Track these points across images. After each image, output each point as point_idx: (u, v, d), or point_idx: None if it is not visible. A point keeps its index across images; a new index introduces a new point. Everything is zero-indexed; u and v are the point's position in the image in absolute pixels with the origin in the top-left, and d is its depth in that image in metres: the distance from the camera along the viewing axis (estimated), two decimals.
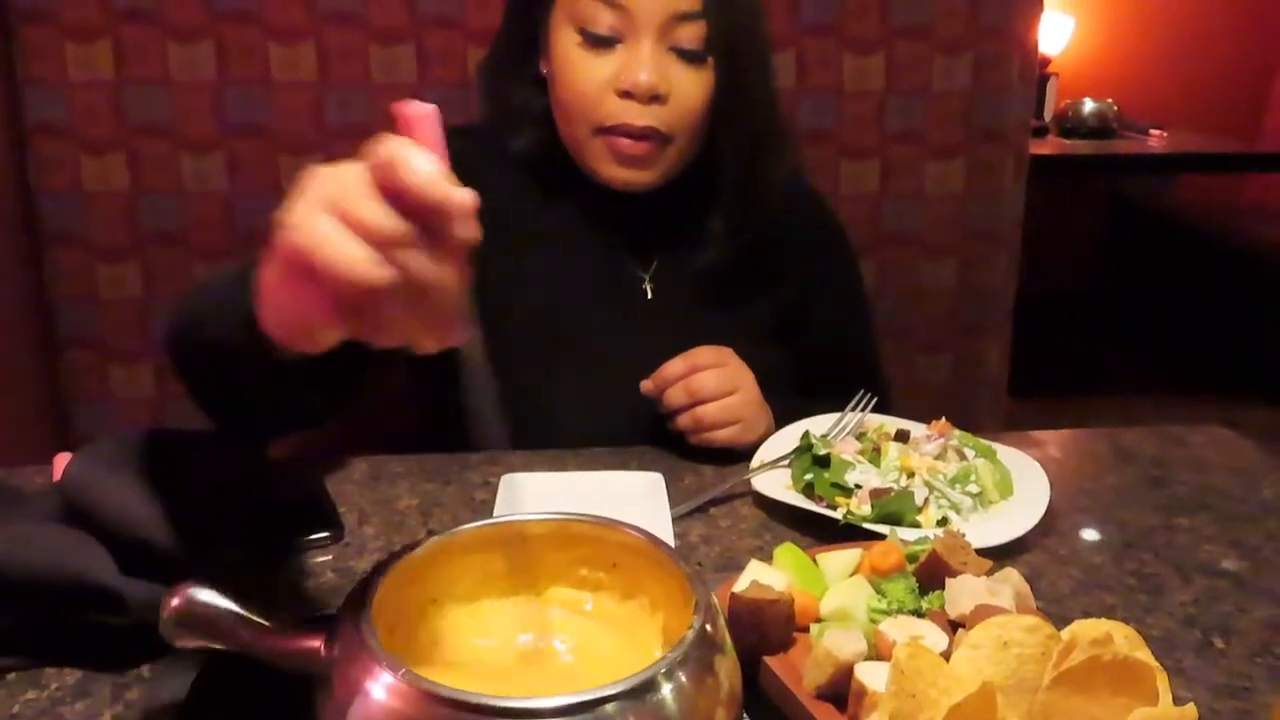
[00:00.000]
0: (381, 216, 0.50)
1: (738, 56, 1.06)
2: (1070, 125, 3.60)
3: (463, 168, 1.16)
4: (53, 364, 1.45)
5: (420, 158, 0.50)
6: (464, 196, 0.52)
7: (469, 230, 0.53)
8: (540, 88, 1.11)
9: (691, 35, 1.02)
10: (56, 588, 0.68)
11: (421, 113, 0.53)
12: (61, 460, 0.89)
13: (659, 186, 1.09)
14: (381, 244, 0.50)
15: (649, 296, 1.15)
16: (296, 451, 1.02)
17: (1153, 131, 3.62)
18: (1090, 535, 0.92)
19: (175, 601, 0.58)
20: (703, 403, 1.01)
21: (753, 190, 1.12)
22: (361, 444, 1.08)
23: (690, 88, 1.04)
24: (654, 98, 1.02)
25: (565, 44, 1.04)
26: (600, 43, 1.02)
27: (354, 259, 0.49)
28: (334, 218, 0.50)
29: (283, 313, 0.58)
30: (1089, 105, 3.62)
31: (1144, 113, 3.75)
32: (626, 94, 1.02)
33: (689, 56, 1.03)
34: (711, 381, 1.01)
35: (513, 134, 1.12)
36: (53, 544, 0.70)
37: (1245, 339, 3.60)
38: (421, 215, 0.51)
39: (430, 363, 1.15)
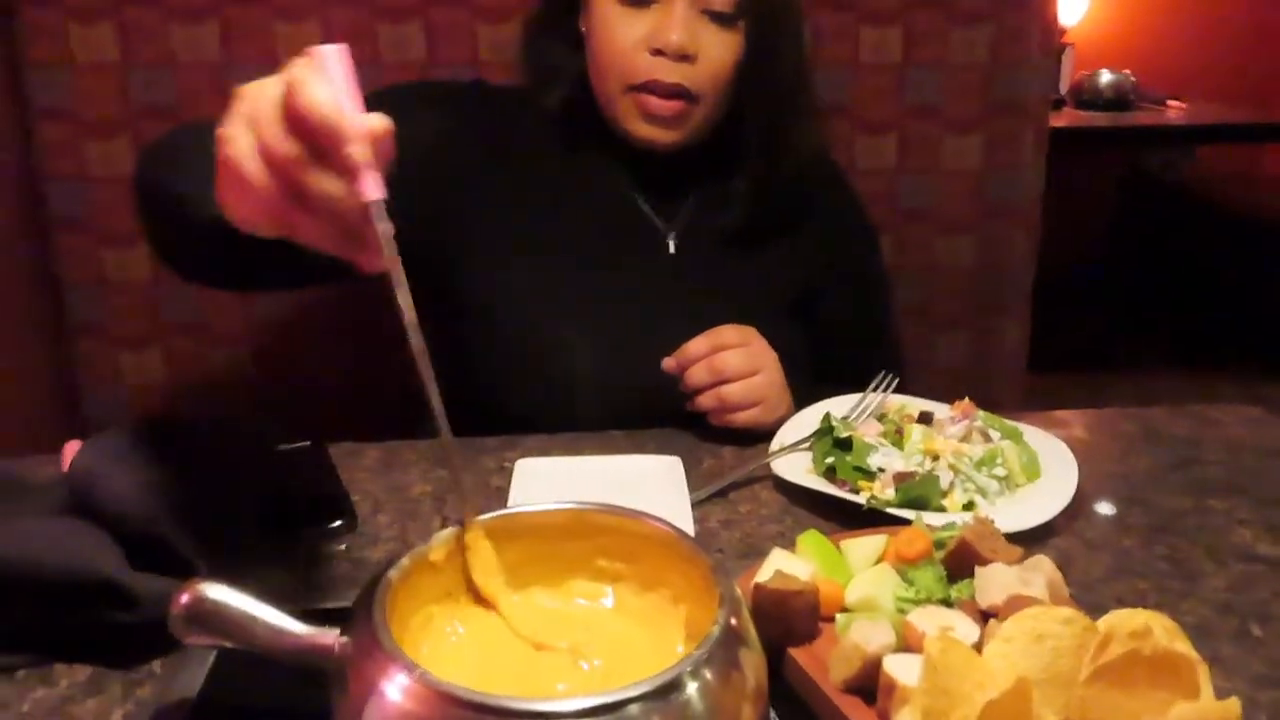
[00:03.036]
0: (278, 139, 0.56)
1: (768, 20, 1.08)
2: (1087, 97, 3.55)
3: (496, 122, 1.15)
4: (62, 350, 1.44)
5: (317, 85, 0.55)
6: (361, 122, 0.56)
7: (364, 153, 0.56)
8: (577, 46, 1.12)
9: None
10: (65, 584, 0.66)
11: (327, 50, 0.58)
12: (70, 449, 0.88)
13: (685, 146, 1.11)
14: (277, 162, 0.56)
15: (671, 250, 1.15)
16: (309, 437, 1.00)
17: (1171, 103, 3.56)
18: (1120, 518, 0.89)
19: (185, 599, 0.56)
20: (726, 382, 1.00)
21: (776, 155, 1.13)
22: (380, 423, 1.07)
23: (719, 49, 1.06)
24: (683, 57, 1.04)
25: (603, 1, 1.05)
26: (636, 1, 1.04)
27: (254, 173, 0.57)
28: (250, 134, 0.57)
29: (228, 206, 0.62)
30: (1106, 76, 3.56)
31: (1162, 84, 3.69)
32: (658, 52, 1.04)
33: (720, 18, 1.05)
34: (735, 361, 1.00)
35: (546, 90, 1.14)
36: (60, 539, 0.69)
37: (1265, 313, 3.55)
38: (317, 136, 0.56)
39: (455, 326, 1.15)
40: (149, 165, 0.91)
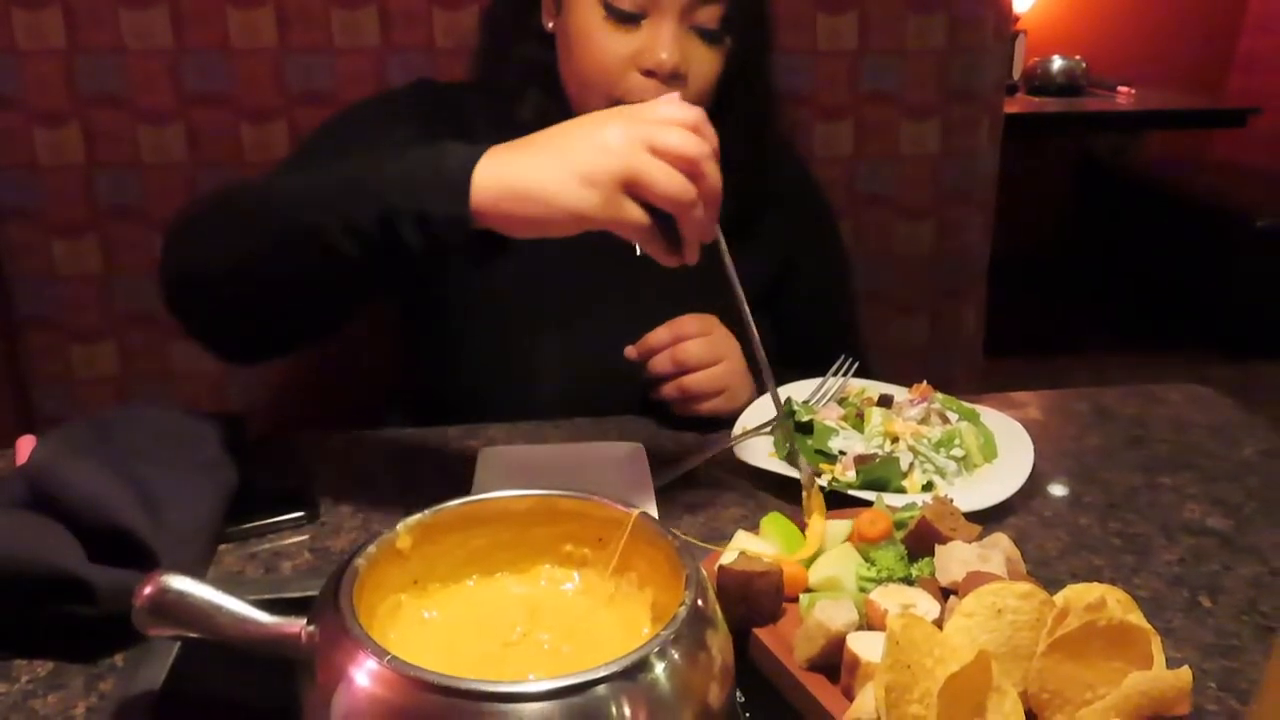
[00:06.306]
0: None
1: (752, 35, 1.08)
2: (1039, 83, 3.60)
3: (452, 122, 1.12)
4: (11, 344, 1.41)
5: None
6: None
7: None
8: (543, 43, 1.09)
9: (711, 15, 1.03)
10: (23, 578, 0.65)
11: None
12: (24, 444, 0.86)
13: None
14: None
15: (638, 252, 1.15)
16: (269, 429, 0.99)
17: (1121, 89, 3.63)
18: (1075, 496, 0.91)
19: (148, 590, 0.56)
20: (688, 372, 1.00)
21: (755, 158, 1.13)
22: (346, 409, 1.06)
23: (706, 66, 1.05)
24: (674, 77, 1.02)
25: (588, 14, 1.02)
26: (625, 19, 1.01)
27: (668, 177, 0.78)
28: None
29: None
30: (1057, 63, 3.62)
31: (1112, 70, 3.75)
32: (649, 72, 1.02)
33: (708, 36, 1.04)
34: (697, 350, 1.00)
35: (512, 92, 1.10)
36: (17, 532, 0.68)
37: (1212, 295, 3.63)
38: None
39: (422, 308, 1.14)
40: (192, 228, 0.89)
